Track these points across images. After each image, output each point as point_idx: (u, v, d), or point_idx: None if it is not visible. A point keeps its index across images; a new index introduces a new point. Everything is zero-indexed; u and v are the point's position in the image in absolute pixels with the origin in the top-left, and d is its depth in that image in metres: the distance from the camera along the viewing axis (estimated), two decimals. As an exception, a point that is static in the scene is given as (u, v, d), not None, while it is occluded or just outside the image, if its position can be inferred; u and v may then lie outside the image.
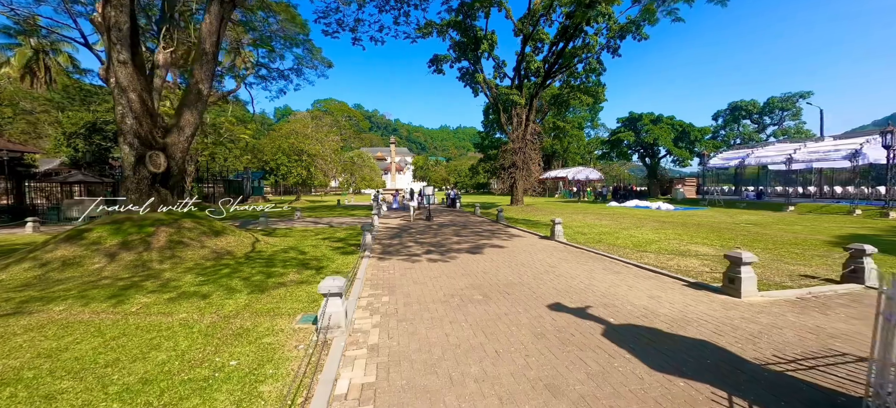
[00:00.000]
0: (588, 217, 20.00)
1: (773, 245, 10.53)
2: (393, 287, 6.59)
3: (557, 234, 11.79)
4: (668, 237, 12.09)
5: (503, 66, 25.81)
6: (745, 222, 17.22)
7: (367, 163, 67.45)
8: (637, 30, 21.35)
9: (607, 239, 11.89)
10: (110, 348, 4.08)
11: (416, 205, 22.14)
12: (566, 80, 25.94)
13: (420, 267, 8.14)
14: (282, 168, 40.30)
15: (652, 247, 10.36)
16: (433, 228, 15.55)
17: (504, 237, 12.69)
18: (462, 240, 12.11)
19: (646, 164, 41.47)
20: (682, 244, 10.74)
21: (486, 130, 65.58)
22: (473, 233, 13.94)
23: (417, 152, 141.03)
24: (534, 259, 8.89)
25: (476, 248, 10.54)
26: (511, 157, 25.41)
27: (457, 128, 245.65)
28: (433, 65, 25.41)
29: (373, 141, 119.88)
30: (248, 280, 7.00)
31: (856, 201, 21.22)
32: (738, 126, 48.16)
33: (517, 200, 25.88)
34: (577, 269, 7.80)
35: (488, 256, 9.36)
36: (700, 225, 15.71)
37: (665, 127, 36.20)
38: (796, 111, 44.62)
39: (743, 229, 14.31)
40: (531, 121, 25.12)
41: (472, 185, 76.36)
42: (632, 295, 5.93)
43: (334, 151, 44.21)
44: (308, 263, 8.61)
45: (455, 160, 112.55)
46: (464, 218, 20.56)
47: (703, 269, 7.71)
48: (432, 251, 10.05)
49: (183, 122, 10.78)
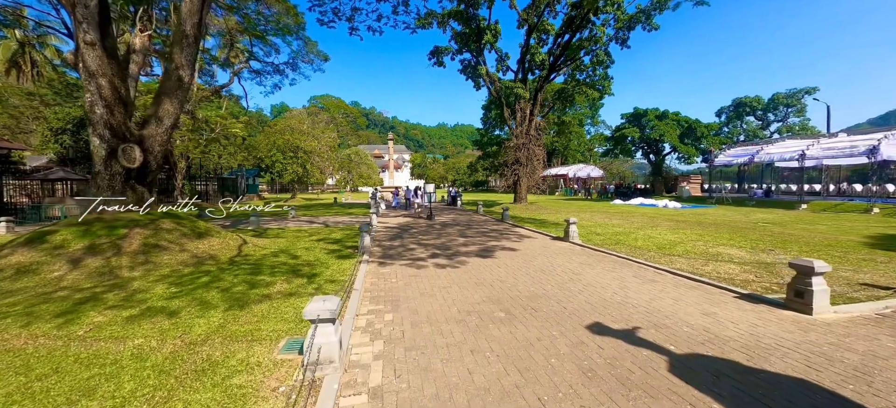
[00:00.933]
0: (597, 216, 19.10)
1: (806, 247, 9.64)
2: (397, 301, 5.63)
3: (572, 234, 10.87)
4: (689, 238, 11.19)
5: (506, 59, 24.81)
6: (763, 221, 16.36)
7: (364, 160, 66.46)
8: (647, 19, 20.41)
9: (626, 240, 10.98)
10: (28, 395, 3.09)
11: (421, 203, 21.22)
12: (571, 74, 25.00)
13: (426, 274, 7.18)
14: (277, 165, 39.19)
15: (677, 250, 9.45)
16: (436, 229, 14.59)
17: (513, 238, 11.75)
18: (469, 242, 11.16)
19: (650, 161, 40.62)
20: (708, 246, 9.83)
21: (484, 127, 64.57)
22: (480, 233, 12.99)
23: (415, 150, 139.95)
24: (552, 264, 7.95)
25: (485, 251, 9.59)
26: (514, 153, 24.46)
27: (454, 125, 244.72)
28: (433, 57, 24.35)
29: (370, 138, 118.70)
30: (227, 292, 6.02)
31: (873, 199, 20.43)
32: (742, 123, 47.41)
33: (521, 197, 24.96)
34: (604, 276, 6.86)
35: (501, 260, 8.42)
36: (718, 224, 14.83)
37: (671, 123, 35.30)
38: (801, 108, 43.87)
39: (764, 229, 13.44)
40: (535, 116, 24.16)
41: (470, 183, 75.45)
42: (681, 311, 5.00)
43: (331, 148, 43.12)
44: (299, 269, 7.63)
45: (453, 158, 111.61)
46: (466, 217, 19.62)
47: (746, 276, 6.80)
48: (438, 255, 9.09)
49: (161, 112, 9.75)
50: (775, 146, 26.73)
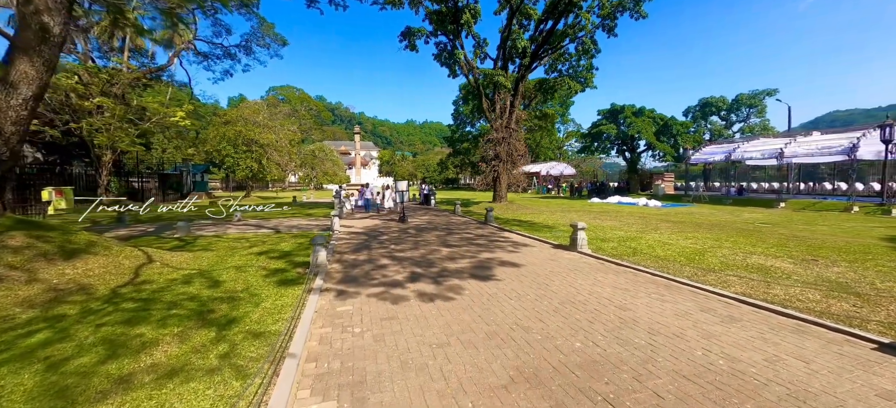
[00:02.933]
0: (584, 216, 17.49)
1: (839, 254, 8.22)
2: (360, 379, 3.28)
3: (580, 243, 8.91)
4: (709, 245, 9.57)
5: (484, 46, 22.76)
6: (758, 222, 15.37)
7: (329, 156, 62.66)
8: (636, 6, 19.04)
9: (640, 248, 9.17)
10: None
11: (392, 206, 18.73)
12: (552, 65, 23.39)
13: (407, 316, 4.85)
14: (228, 160, 35.01)
15: (709, 260, 7.71)
16: (411, 234, 12.22)
17: (508, 247, 9.63)
18: (455, 253, 8.91)
19: (626, 158, 40.31)
20: (738, 255, 8.18)
21: (455, 123, 62.65)
22: (465, 241, 10.78)
23: (383, 147, 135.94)
24: (577, 290, 5.87)
25: (481, 268, 7.37)
26: (493, 147, 22.50)
27: (423, 122, 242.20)
28: (405, 39, 21.78)
29: (336, 134, 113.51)
30: (57, 368, 3.40)
31: (851, 198, 20.34)
32: (707, 122, 48.50)
33: (501, 196, 23.06)
34: (662, 311, 4.85)
35: (506, 284, 6.23)
36: (719, 226, 13.53)
37: (647, 120, 34.96)
38: (762, 108, 45.42)
39: (770, 231, 12.23)
40: (516, 107, 22.31)
41: (440, 180, 73.45)
42: (840, 388, 3.03)
43: (291, 142, 39.29)
44: (212, 309, 5.04)
45: (422, 155, 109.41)
46: (444, 218, 17.37)
47: (838, 304, 5.03)
48: (420, 276, 6.76)
49: (14, 76, 6.70)
50: (751, 144, 26.60)
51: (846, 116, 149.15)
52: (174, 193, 36.83)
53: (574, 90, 23.00)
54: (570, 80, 23.14)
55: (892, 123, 18.68)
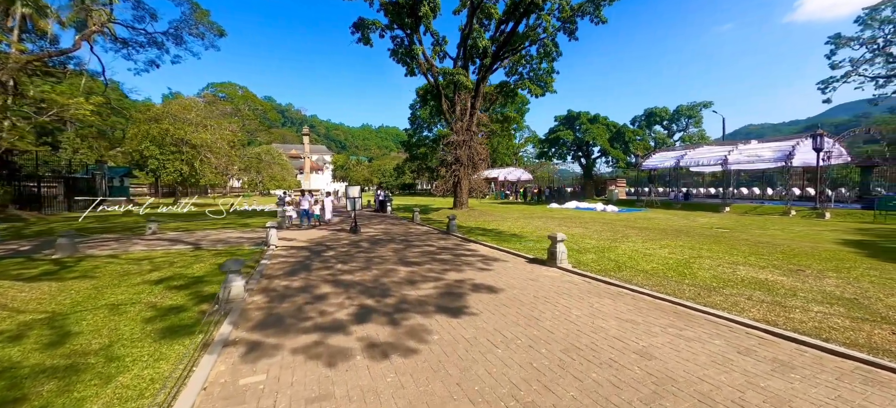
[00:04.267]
0: (548, 222, 16.75)
1: (814, 261, 7.88)
2: None
3: (560, 257, 7.78)
4: (688, 255, 8.91)
5: (444, 44, 21.55)
6: (715, 226, 15.49)
7: (277, 160, 58.19)
8: (595, 10, 18.83)
9: (619, 259, 8.25)
10: None
11: (330, 218, 16.57)
12: (513, 67, 22.73)
13: (350, 387, 3.24)
14: (151, 161, 30.58)
15: (702, 275, 6.91)
16: (363, 249, 10.49)
17: (478, 264, 8.27)
18: (416, 274, 7.38)
19: (581, 164, 41.11)
20: (725, 267, 7.49)
21: (412, 127, 61.10)
22: (428, 256, 9.28)
23: (337, 151, 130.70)
24: (575, 325, 4.61)
25: (449, 294, 5.92)
26: (454, 151, 21.26)
27: (379, 127, 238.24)
28: (358, 31, 19.87)
29: (286, 137, 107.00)
30: None
31: (789, 202, 21.64)
32: (651, 131, 51.22)
33: (462, 202, 21.84)
34: (692, 354, 3.69)
35: (486, 321, 4.81)
36: (686, 232, 13.26)
37: (601, 127, 35.85)
38: (698, 119, 48.80)
39: (731, 236, 12.14)
40: (477, 109, 21.28)
41: (397, 185, 71.42)
42: None
43: (230, 143, 35.38)
44: (25, 394, 3.10)
45: (378, 160, 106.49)
46: (402, 228, 15.75)
47: (865, 329, 4.21)
48: (371, 313, 5.15)
49: None
50: (698, 151, 27.83)
51: (758, 129, 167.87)
52: (85, 199, 31.67)
53: (535, 93, 22.46)
54: (530, 84, 22.58)
55: (823, 133, 20.10)
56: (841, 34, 29.38)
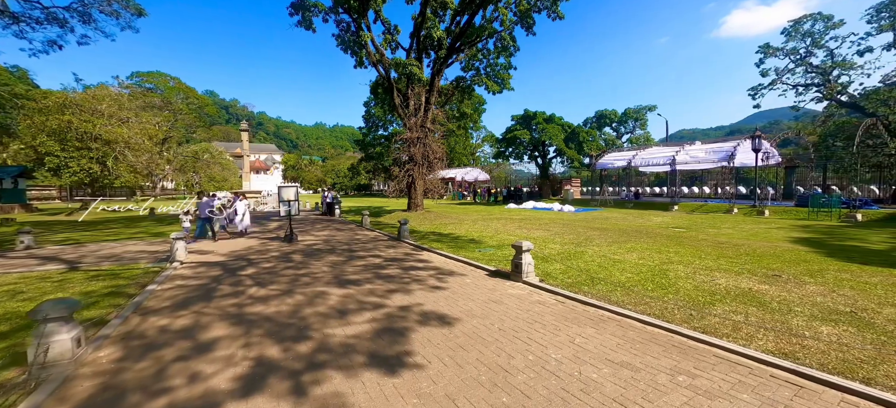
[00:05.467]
0: (508, 224, 15.84)
1: (779, 263, 7.47)
2: None
3: (526, 269, 6.62)
4: (660, 262, 8.20)
5: (396, 34, 19.94)
6: (671, 226, 15.42)
7: (217, 159, 53.14)
8: (553, 4, 18.27)
9: (593, 271, 7.30)
10: None
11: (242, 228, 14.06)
12: (469, 62, 21.71)
13: None
14: (49, 160, 25.82)
15: (683, 287, 6.08)
16: (294, 263, 8.70)
17: (430, 280, 6.90)
18: (351, 299, 5.84)
19: (538, 164, 41.26)
20: (705, 277, 6.79)
21: (367, 125, 58.55)
22: (371, 271, 7.74)
23: (288, 150, 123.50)
24: (558, 378, 3.38)
25: (389, 331, 4.48)
26: (407, 149, 19.76)
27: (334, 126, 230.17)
28: (297, 12, 17.61)
29: (231, 134, 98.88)
30: None
31: (732, 200, 22.62)
32: (601, 133, 53.02)
33: (416, 204, 20.39)
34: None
35: (435, 377, 3.43)
36: (647, 234, 12.85)
37: (556, 127, 36.09)
38: (644, 121, 51.25)
39: (690, 237, 11.89)
40: (432, 104, 19.95)
41: (352, 186, 68.27)
42: None
43: (150, 138, 31.04)
44: None
45: (332, 160, 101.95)
46: (347, 234, 14.00)
47: None
48: (271, 372, 3.57)
49: None
50: (648, 152, 28.60)
51: (691, 133, 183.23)
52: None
53: (492, 90, 21.57)
54: (487, 80, 21.66)
55: (761, 135, 21.18)
56: (769, 44, 31.74)
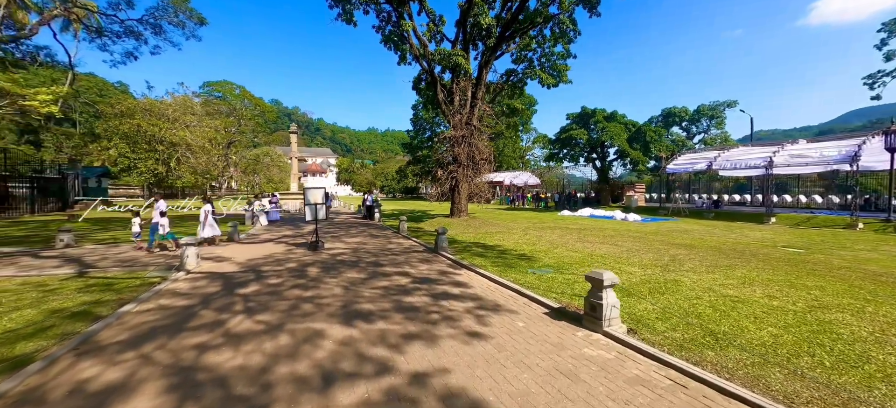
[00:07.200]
0: (565, 235, 13.46)
1: None
2: None
3: (607, 313, 4.49)
4: (796, 300, 5.57)
5: (441, 24, 18.38)
6: (779, 244, 12.06)
7: (275, 162, 55.77)
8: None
9: (706, 315, 4.95)
10: None
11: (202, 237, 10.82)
12: (520, 54, 19.51)
13: None
14: (122, 160, 27.83)
15: (874, 352, 3.59)
16: (307, 279, 7.28)
17: (466, 318, 5.02)
18: (351, 348, 4.14)
19: (596, 166, 37.48)
20: (872, 329, 4.16)
21: (415, 128, 58.11)
22: (393, 298, 6.04)
23: (342, 154, 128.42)
24: None
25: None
26: (451, 149, 18.06)
27: (385, 130, 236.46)
28: (337, 5, 16.78)
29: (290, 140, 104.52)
30: None
31: (853, 213, 18.01)
32: (669, 133, 47.53)
33: (460, 209, 18.59)
34: None
35: None
36: (752, 254, 9.84)
37: (618, 125, 32.31)
38: (721, 120, 44.99)
39: (814, 261, 8.74)
40: (480, 100, 18.07)
41: (399, 189, 68.56)
42: None
43: (211, 141, 32.54)
44: None
45: (382, 163, 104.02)
46: (380, 241, 12.56)
47: None
48: None
49: None
50: (733, 153, 24.30)
51: (769, 134, 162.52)
52: (56, 202, 29.17)
53: (547, 83, 19.19)
54: (542, 73, 19.31)
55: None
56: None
